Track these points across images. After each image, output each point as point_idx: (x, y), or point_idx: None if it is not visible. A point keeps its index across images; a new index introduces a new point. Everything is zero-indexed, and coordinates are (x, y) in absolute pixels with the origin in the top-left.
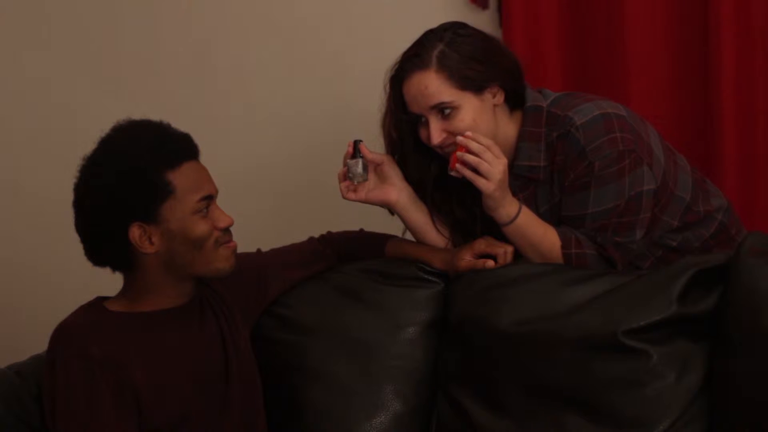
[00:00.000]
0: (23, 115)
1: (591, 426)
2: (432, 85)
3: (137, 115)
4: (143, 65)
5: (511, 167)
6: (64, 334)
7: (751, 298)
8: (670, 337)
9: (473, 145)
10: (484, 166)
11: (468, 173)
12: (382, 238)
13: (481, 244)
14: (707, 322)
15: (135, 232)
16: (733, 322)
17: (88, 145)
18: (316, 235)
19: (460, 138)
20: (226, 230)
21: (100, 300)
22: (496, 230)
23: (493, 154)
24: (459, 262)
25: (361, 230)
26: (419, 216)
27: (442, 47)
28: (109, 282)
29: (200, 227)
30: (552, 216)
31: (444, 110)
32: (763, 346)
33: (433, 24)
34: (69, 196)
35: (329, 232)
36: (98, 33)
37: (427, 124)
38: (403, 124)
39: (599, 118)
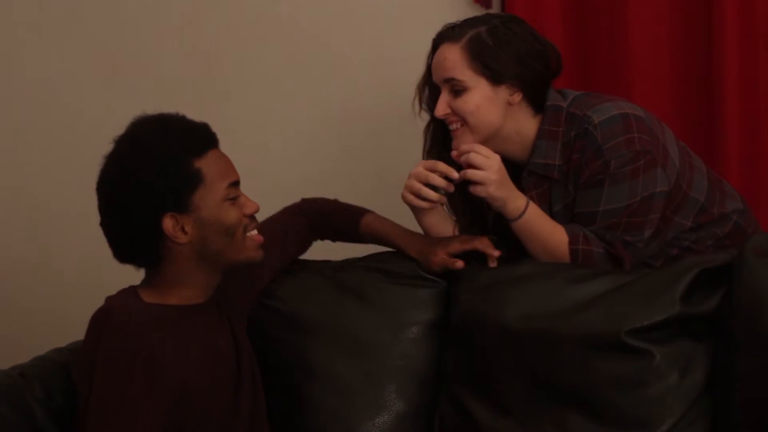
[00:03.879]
0: (25, 115)
1: (593, 425)
2: (450, 59)
3: (137, 114)
4: (144, 65)
5: (527, 164)
6: (107, 319)
7: (755, 298)
8: (674, 336)
9: (463, 159)
10: (478, 175)
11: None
12: (358, 213)
13: (456, 245)
14: (711, 322)
15: (168, 223)
16: (736, 322)
17: (89, 144)
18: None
19: (454, 153)
20: (253, 217)
21: (134, 288)
22: (505, 228)
23: (482, 156)
24: (433, 257)
25: (336, 201)
26: (434, 217)
27: (482, 30)
28: (111, 282)
29: (231, 214)
30: (565, 215)
31: (455, 87)
32: (766, 346)
33: (435, 24)
34: (71, 195)
35: (303, 200)
36: (99, 33)
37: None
38: (435, 124)
39: (618, 117)
